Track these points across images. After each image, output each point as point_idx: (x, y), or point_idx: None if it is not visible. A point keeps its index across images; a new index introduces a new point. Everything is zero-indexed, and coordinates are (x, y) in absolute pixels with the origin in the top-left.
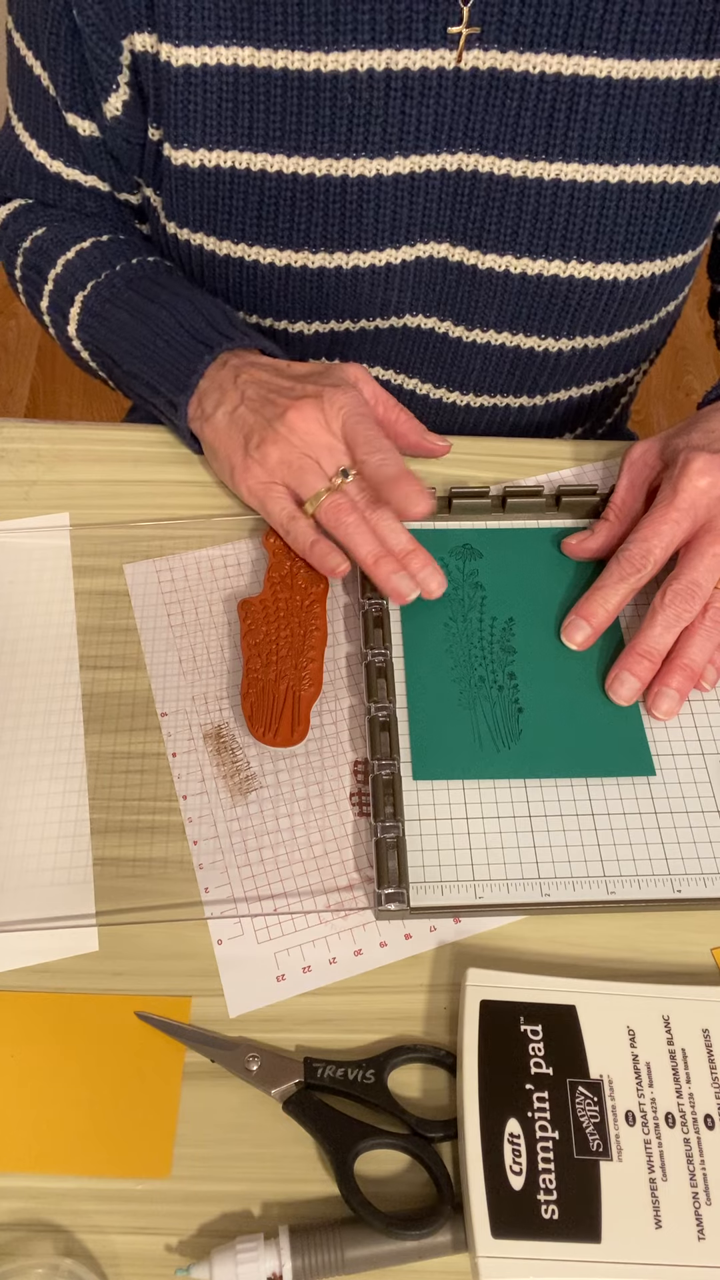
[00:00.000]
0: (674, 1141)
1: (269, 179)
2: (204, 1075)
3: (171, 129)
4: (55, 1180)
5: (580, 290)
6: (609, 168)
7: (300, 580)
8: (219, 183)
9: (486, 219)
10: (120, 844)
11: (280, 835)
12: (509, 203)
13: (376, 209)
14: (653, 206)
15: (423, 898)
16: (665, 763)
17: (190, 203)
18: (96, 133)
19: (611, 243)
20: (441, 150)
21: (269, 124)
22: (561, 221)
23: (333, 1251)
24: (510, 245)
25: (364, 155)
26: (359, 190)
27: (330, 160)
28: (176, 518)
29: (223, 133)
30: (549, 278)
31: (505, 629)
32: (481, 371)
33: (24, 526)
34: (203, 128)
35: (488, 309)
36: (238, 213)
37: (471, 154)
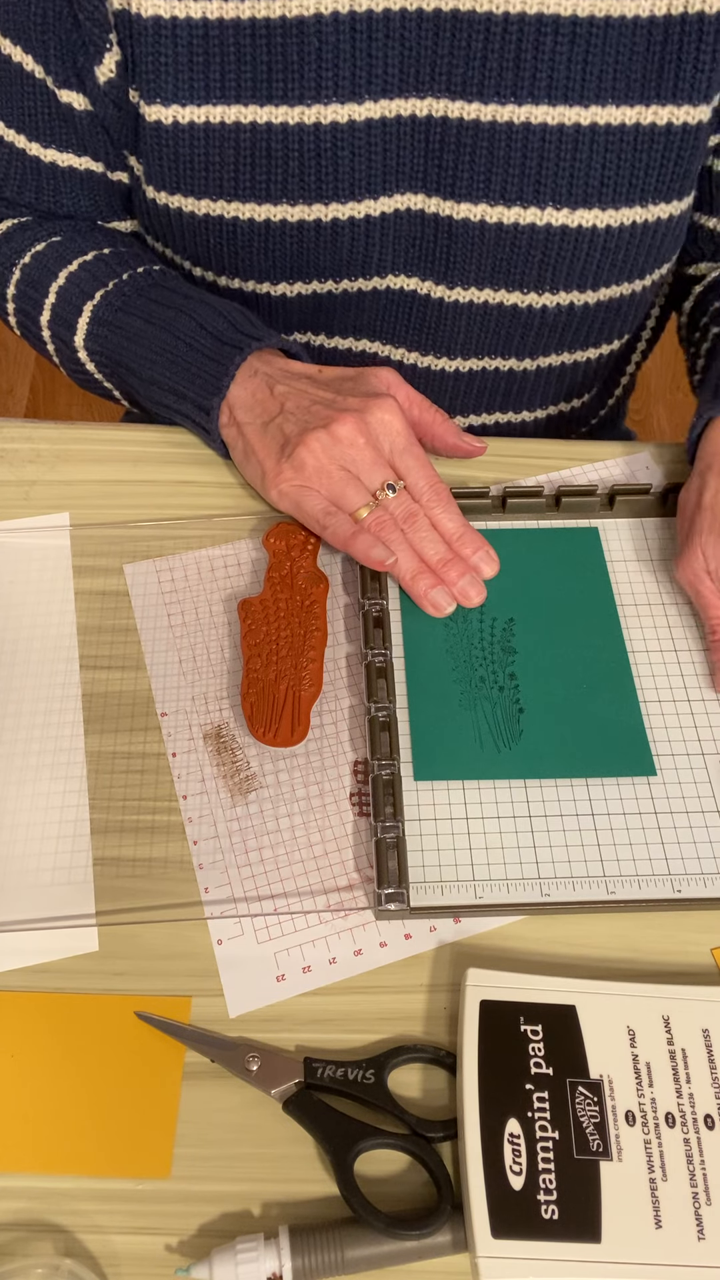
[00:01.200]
0: (674, 1141)
1: (243, 131)
2: (204, 1075)
3: (145, 85)
4: (55, 1180)
5: (559, 239)
6: (580, 109)
7: (300, 580)
8: (194, 139)
9: (459, 166)
10: (120, 844)
11: (280, 835)
12: (480, 148)
13: (351, 156)
14: (627, 149)
15: (423, 898)
16: (665, 763)
17: (167, 163)
18: (90, 105)
19: (587, 187)
20: (410, 94)
21: (240, 74)
22: (534, 166)
23: (333, 1251)
24: (484, 193)
25: (335, 100)
26: (332, 136)
27: (302, 107)
28: (176, 518)
29: (195, 87)
30: (525, 226)
31: (506, 629)
32: (467, 333)
33: (24, 526)
34: (174, 82)
35: (467, 263)
36: (214, 168)
37: (440, 98)
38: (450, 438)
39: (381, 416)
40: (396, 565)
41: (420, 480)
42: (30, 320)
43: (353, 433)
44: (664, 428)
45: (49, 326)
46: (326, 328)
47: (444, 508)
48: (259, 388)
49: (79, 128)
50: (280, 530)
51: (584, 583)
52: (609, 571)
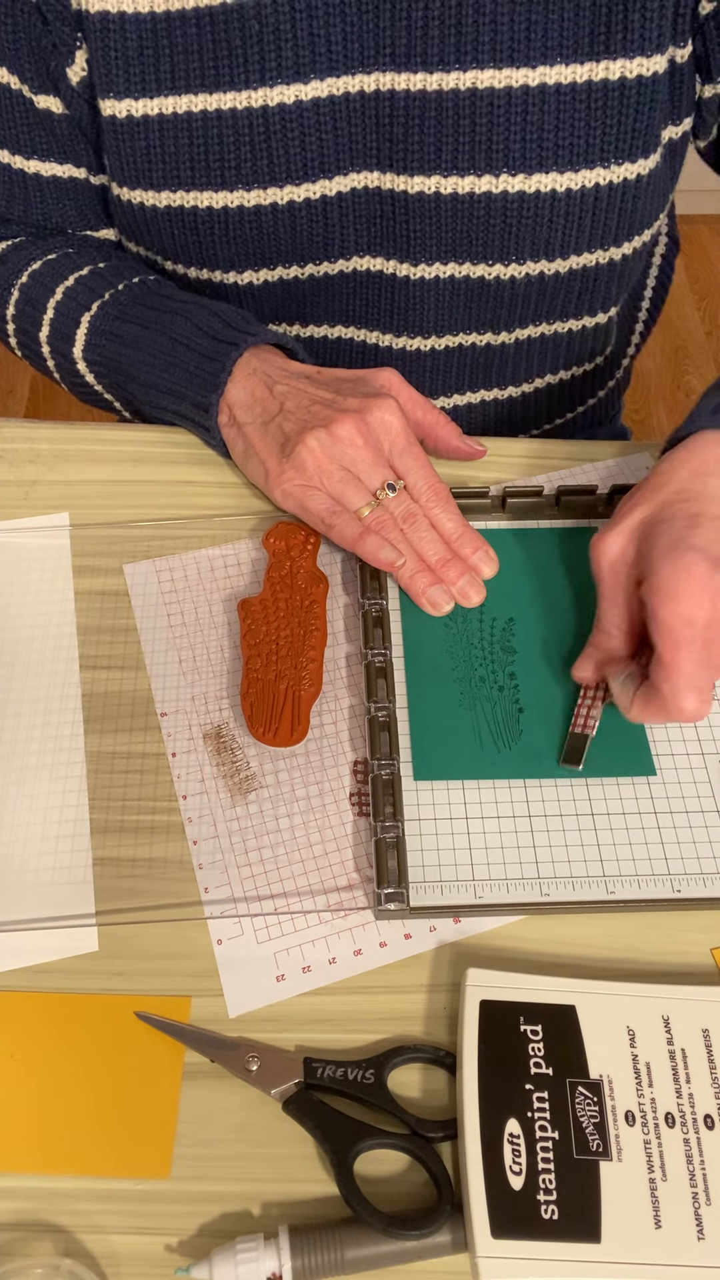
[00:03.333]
0: (674, 1141)
1: (194, 120)
2: (204, 1075)
3: (99, 81)
4: (55, 1180)
5: (518, 206)
6: (527, 70)
7: (300, 580)
8: (148, 132)
9: (409, 138)
10: (120, 844)
11: (280, 835)
12: (429, 118)
13: (302, 137)
14: (580, 108)
15: (422, 898)
16: (665, 763)
17: (125, 158)
18: (66, 109)
19: (542, 151)
20: (356, 70)
21: (188, 64)
22: (484, 132)
23: (332, 1251)
24: (436, 164)
25: (280, 81)
26: (281, 119)
27: (249, 92)
28: (176, 518)
29: (145, 80)
30: (481, 195)
31: (505, 629)
32: (437, 310)
33: (24, 526)
34: (125, 77)
35: (427, 237)
36: (170, 160)
37: (386, 72)
38: (451, 439)
39: (381, 416)
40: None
41: (420, 480)
42: (30, 339)
43: (352, 432)
44: (664, 428)
45: (48, 342)
46: (300, 316)
47: (443, 508)
48: (258, 386)
49: (59, 134)
50: (280, 530)
51: (584, 583)
52: None
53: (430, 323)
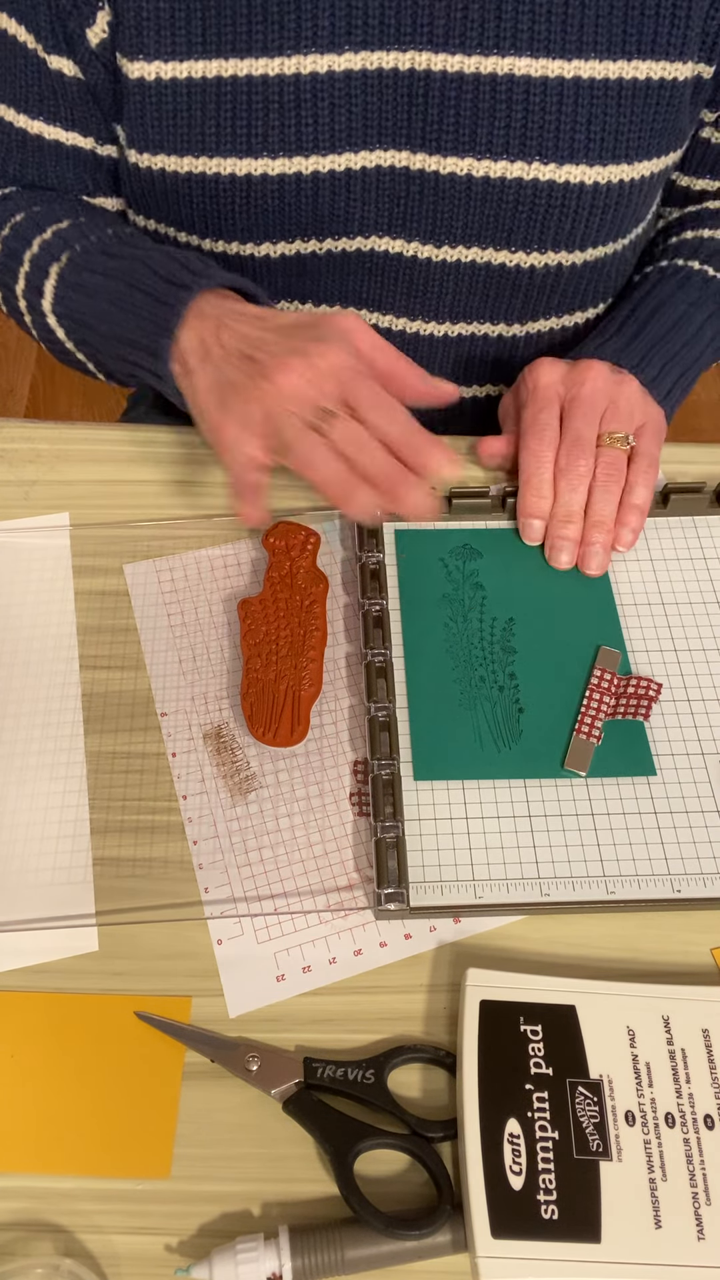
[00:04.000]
0: (674, 1141)
1: (224, 84)
2: (204, 1075)
3: (127, 43)
4: (55, 1180)
5: (546, 194)
6: (563, 62)
7: (300, 580)
8: (175, 94)
9: (444, 119)
10: (120, 844)
11: (280, 835)
12: (465, 100)
13: (331, 107)
14: (612, 104)
15: (422, 898)
16: (665, 763)
17: (150, 121)
18: (80, 73)
19: (574, 142)
20: (391, 46)
21: (220, 27)
22: (519, 119)
23: (333, 1251)
24: (469, 146)
25: (314, 51)
26: (312, 88)
27: (282, 59)
28: (176, 518)
29: (176, 42)
30: (512, 180)
31: (506, 629)
32: (455, 294)
33: (24, 526)
34: (156, 38)
35: (453, 219)
36: (196, 124)
37: (423, 50)
38: (419, 384)
39: (329, 357)
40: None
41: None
42: (9, 292)
43: (295, 375)
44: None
45: (24, 296)
46: (313, 294)
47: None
48: (207, 331)
49: (69, 98)
50: (280, 530)
51: (584, 583)
52: (609, 571)
53: (445, 307)
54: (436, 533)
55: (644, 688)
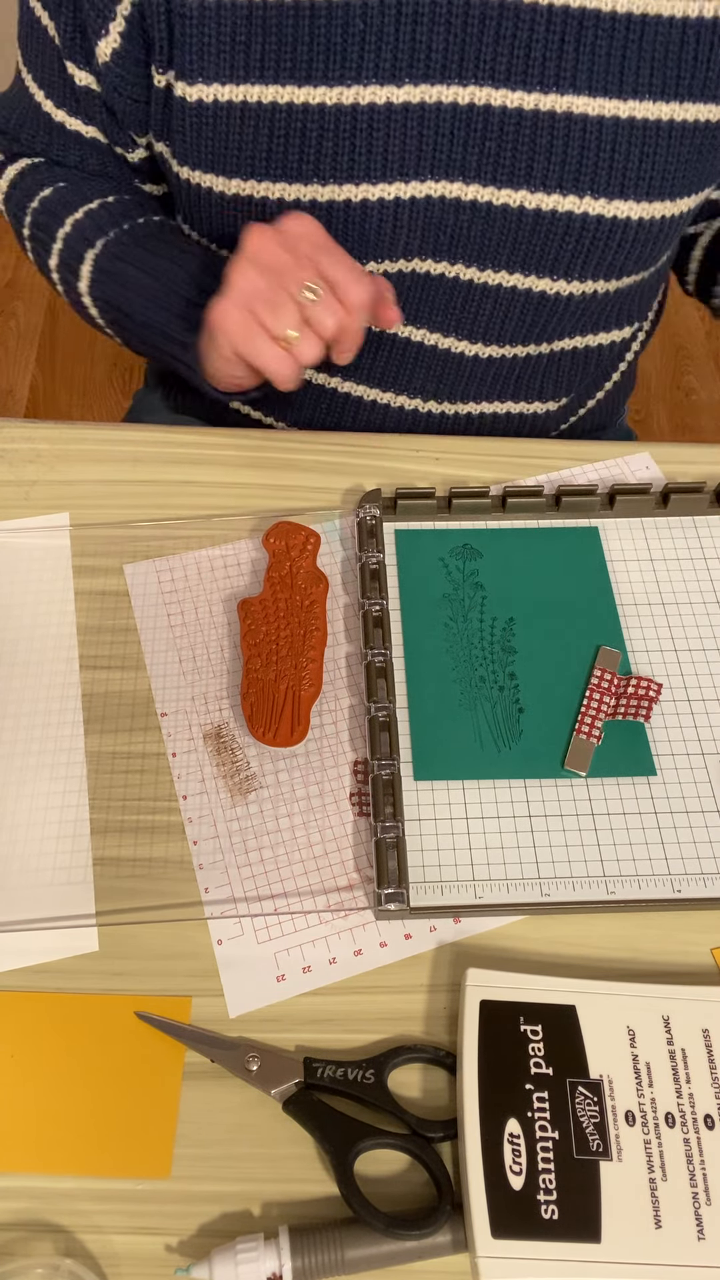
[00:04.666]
0: (674, 1141)
1: (279, 110)
2: (204, 1075)
3: (185, 65)
4: (55, 1180)
5: (594, 228)
6: (618, 102)
7: (300, 580)
8: (230, 117)
9: (501, 153)
10: (120, 844)
11: (280, 835)
12: (522, 136)
13: (386, 137)
14: (663, 144)
15: (423, 898)
16: (665, 763)
17: (202, 142)
18: (94, 84)
19: (624, 180)
20: (452, 81)
21: (280, 54)
22: (575, 155)
23: (333, 1251)
24: (525, 179)
25: (374, 82)
26: (369, 118)
27: (341, 88)
28: (176, 518)
29: (235, 65)
30: (563, 214)
31: (506, 629)
32: (491, 316)
33: (24, 526)
34: (216, 61)
35: (501, 246)
36: (248, 147)
37: (483, 86)
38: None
39: (293, 225)
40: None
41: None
42: (43, 263)
43: (266, 240)
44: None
45: (57, 271)
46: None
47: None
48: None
49: (83, 100)
50: (280, 530)
51: (584, 583)
52: (609, 571)
53: (481, 329)
54: (436, 533)
55: (644, 688)
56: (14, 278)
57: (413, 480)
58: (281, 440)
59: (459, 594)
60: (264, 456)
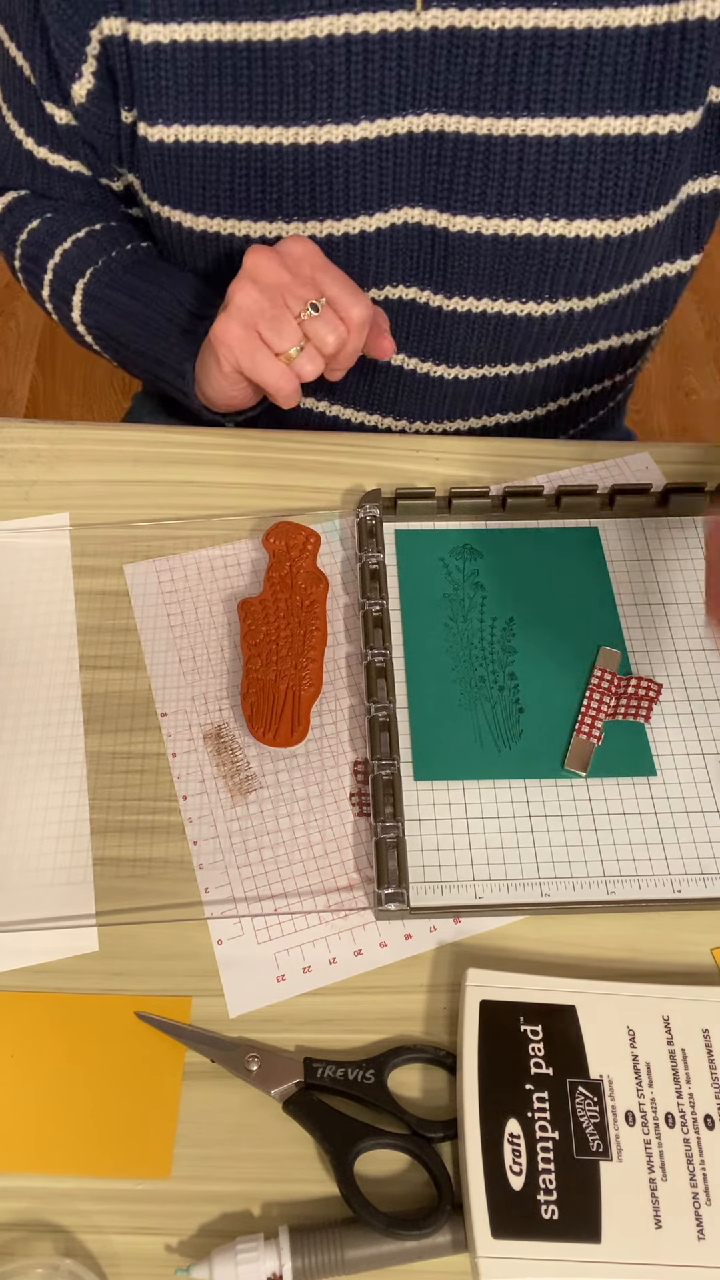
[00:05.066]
0: (674, 1142)
1: (239, 150)
2: (204, 1075)
3: (144, 107)
4: (55, 1180)
5: (557, 249)
6: (577, 120)
7: (300, 580)
8: (193, 157)
9: (455, 179)
10: (120, 844)
11: (280, 835)
12: (476, 161)
13: (347, 175)
14: (626, 160)
15: (423, 898)
16: (665, 763)
17: (168, 179)
18: (72, 120)
19: (585, 199)
20: (408, 112)
21: (237, 95)
22: (530, 178)
23: (333, 1252)
24: (481, 205)
25: (330, 121)
26: (328, 157)
27: (297, 128)
28: (176, 518)
29: (194, 107)
30: (523, 238)
31: (506, 629)
32: (465, 340)
33: (24, 526)
34: (175, 103)
35: (465, 274)
36: (212, 186)
37: (438, 114)
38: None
39: (292, 247)
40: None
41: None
42: (36, 294)
43: (268, 261)
44: (664, 428)
45: (50, 301)
46: None
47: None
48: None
49: (63, 136)
50: (280, 530)
51: (584, 583)
52: (609, 571)
53: (456, 352)
54: (436, 533)
55: (644, 688)
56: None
57: (413, 480)
58: (281, 440)
59: (459, 594)
60: (264, 456)
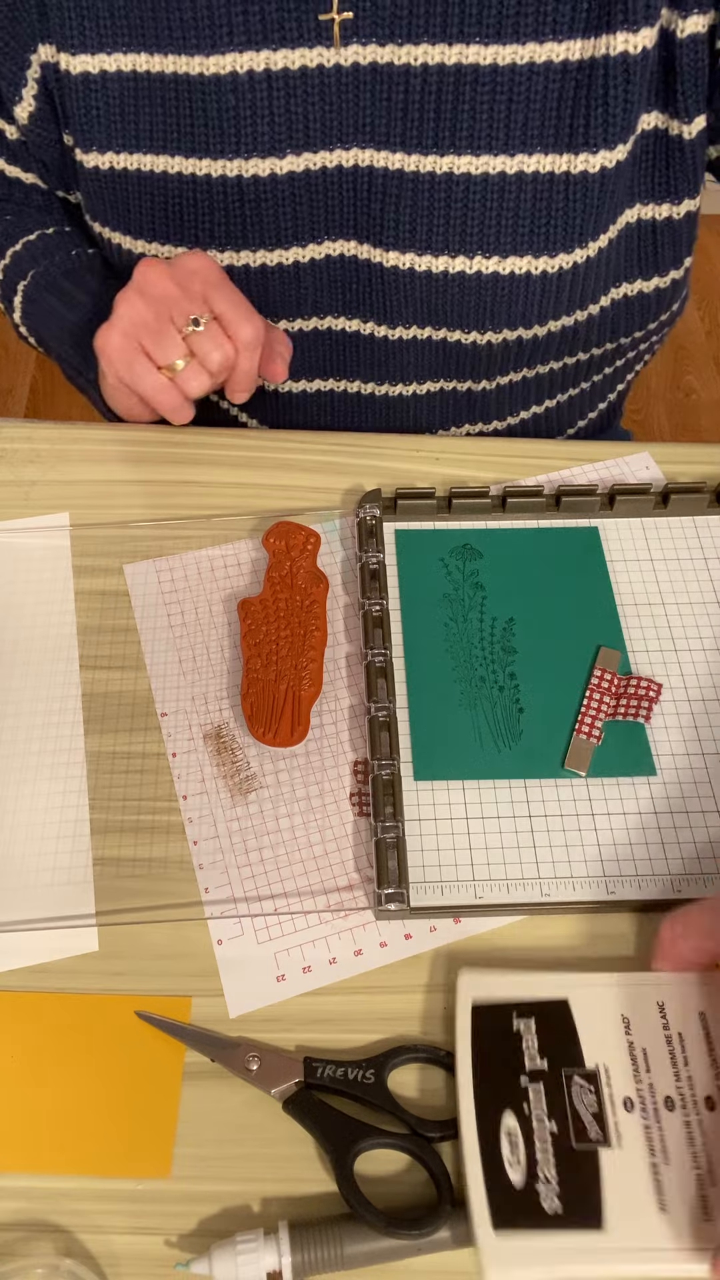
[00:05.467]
0: (674, 1125)
1: (170, 180)
2: (204, 1075)
3: (78, 133)
4: (55, 1180)
5: (491, 286)
6: (504, 158)
7: (300, 580)
8: (126, 184)
9: (385, 215)
10: (120, 844)
11: (280, 835)
12: (404, 198)
13: (275, 207)
14: (557, 197)
15: (423, 898)
16: (665, 763)
17: (105, 203)
18: (20, 137)
19: (516, 236)
20: (334, 146)
21: (166, 126)
22: (459, 216)
23: (332, 1247)
24: (411, 242)
25: (255, 155)
26: (255, 190)
27: (224, 161)
28: (176, 518)
29: (126, 136)
30: (455, 275)
31: (506, 629)
32: (417, 365)
33: (24, 526)
34: (106, 131)
35: (404, 307)
36: (146, 212)
37: (365, 149)
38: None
39: (188, 262)
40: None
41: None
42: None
43: (158, 274)
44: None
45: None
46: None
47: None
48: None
49: (15, 150)
50: (280, 530)
51: (584, 583)
52: (609, 571)
53: (410, 372)
54: (436, 533)
55: (644, 688)
56: None
57: (413, 480)
58: (281, 440)
59: (459, 594)
60: (264, 456)
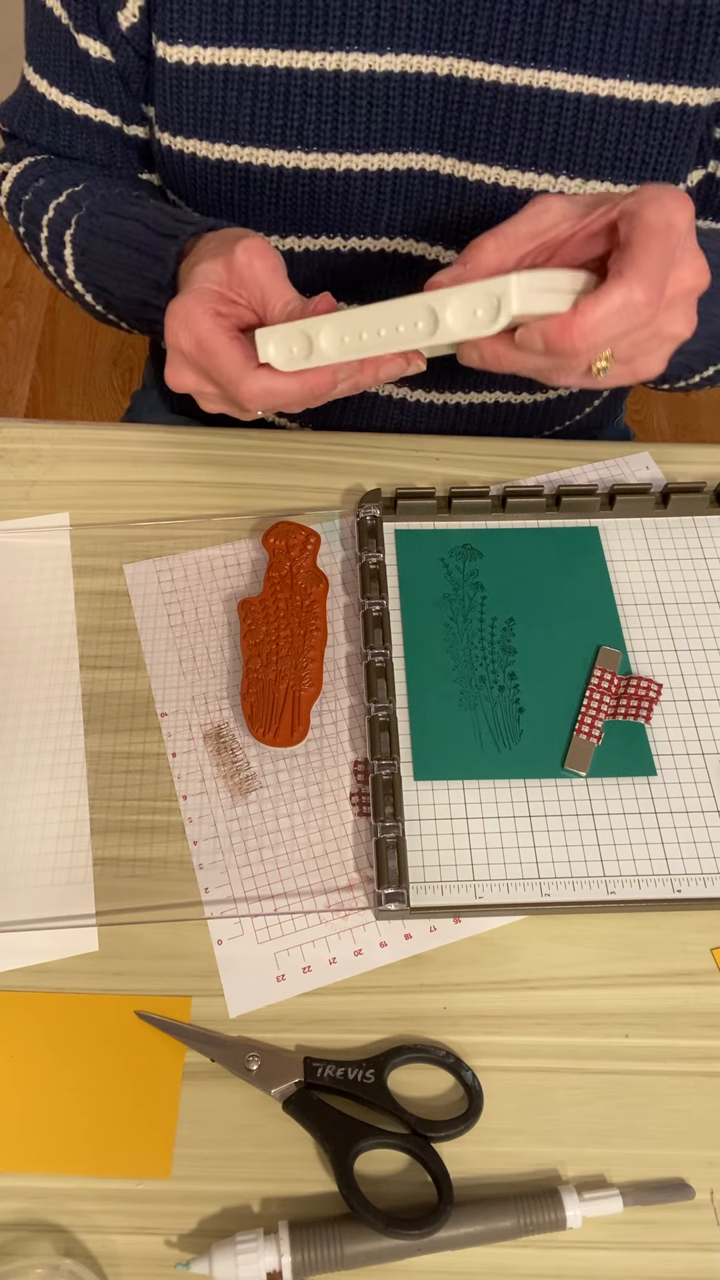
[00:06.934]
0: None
1: (262, 75)
2: (204, 1075)
3: (166, 26)
4: (55, 1180)
5: None
6: (598, 81)
7: (300, 580)
8: (212, 81)
9: (476, 126)
10: (120, 844)
11: (280, 835)
12: (498, 110)
13: (369, 107)
14: (642, 126)
15: (423, 898)
16: (665, 763)
17: (185, 105)
18: (108, 54)
19: (600, 160)
20: (432, 51)
21: (263, 18)
22: (550, 133)
23: (332, 1247)
24: (499, 155)
25: (357, 49)
26: (351, 86)
27: (324, 54)
28: (176, 518)
29: (218, 29)
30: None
31: (506, 629)
32: None
33: (24, 526)
34: (197, 23)
35: (479, 227)
36: (231, 111)
37: (461, 58)
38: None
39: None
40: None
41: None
42: (38, 257)
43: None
44: (664, 427)
45: (50, 262)
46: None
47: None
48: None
49: (95, 76)
50: (280, 530)
51: (584, 583)
52: (609, 571)
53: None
54: (436, 533)
55: (644, 688)
56: (14, 278)
57: (413, 480)
58: (281, 440)
59: (459, 594)
60: (264, 456)
